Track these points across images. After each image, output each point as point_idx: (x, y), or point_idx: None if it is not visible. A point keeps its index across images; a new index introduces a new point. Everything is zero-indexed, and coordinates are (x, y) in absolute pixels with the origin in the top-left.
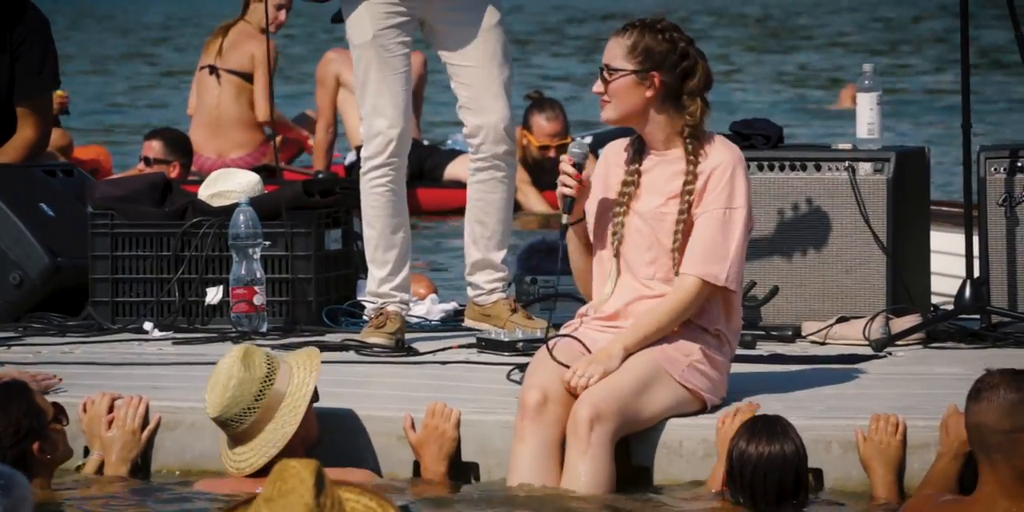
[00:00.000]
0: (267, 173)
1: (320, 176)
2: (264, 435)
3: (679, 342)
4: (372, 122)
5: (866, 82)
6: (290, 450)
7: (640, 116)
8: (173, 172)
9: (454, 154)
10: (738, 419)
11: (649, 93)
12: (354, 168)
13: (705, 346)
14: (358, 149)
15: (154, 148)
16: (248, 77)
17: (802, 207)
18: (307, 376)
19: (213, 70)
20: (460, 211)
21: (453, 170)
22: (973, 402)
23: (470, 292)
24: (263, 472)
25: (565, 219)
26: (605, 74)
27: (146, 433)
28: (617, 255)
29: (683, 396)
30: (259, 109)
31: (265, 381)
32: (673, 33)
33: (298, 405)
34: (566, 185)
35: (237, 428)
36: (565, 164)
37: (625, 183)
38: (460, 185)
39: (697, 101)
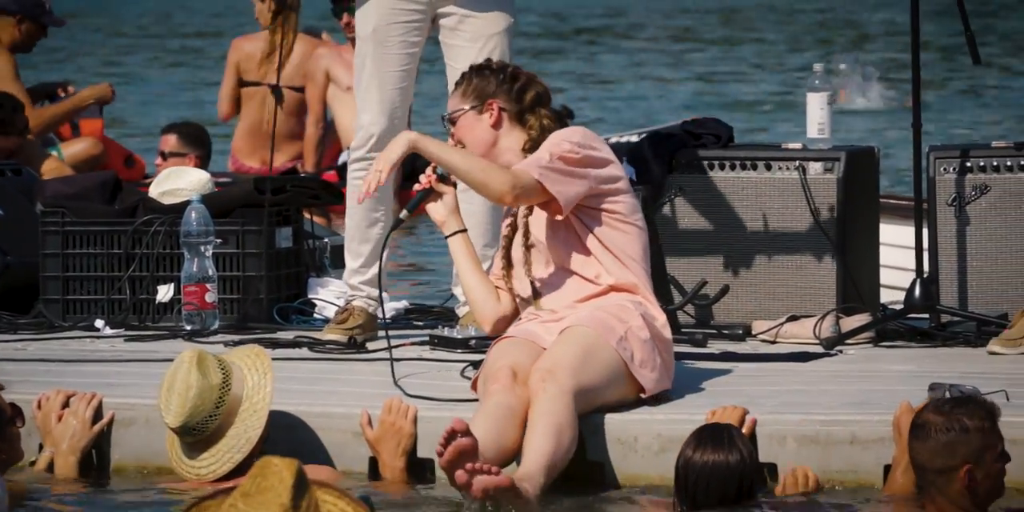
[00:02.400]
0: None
1: (303, 173)
2: (226, 441)
3: (616, 308)
4: (359, 116)
5: (816, 82)
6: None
7: (493, 146)
8: (191, 164)
9: None
10: (719, 416)
11: (491, 120)
12: (345, 169)
13: (642, 312)
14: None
15: (170, 142)
16: (303, 89)
17: (752, 206)
18: (262, 378)
19: (277, 90)
20: None
21: None
22: (912, 439)
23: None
24: (226, 478)
25: (403, 214)
26: (447, 122)
27: (97, 427)
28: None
29: (621, 369)
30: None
31: (223, 387)
32: (497, 66)
33: (259, 409)
34: (419, 182)
35: (199, 435)
36: (428, 168)
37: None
38: None
39: (538, 113)
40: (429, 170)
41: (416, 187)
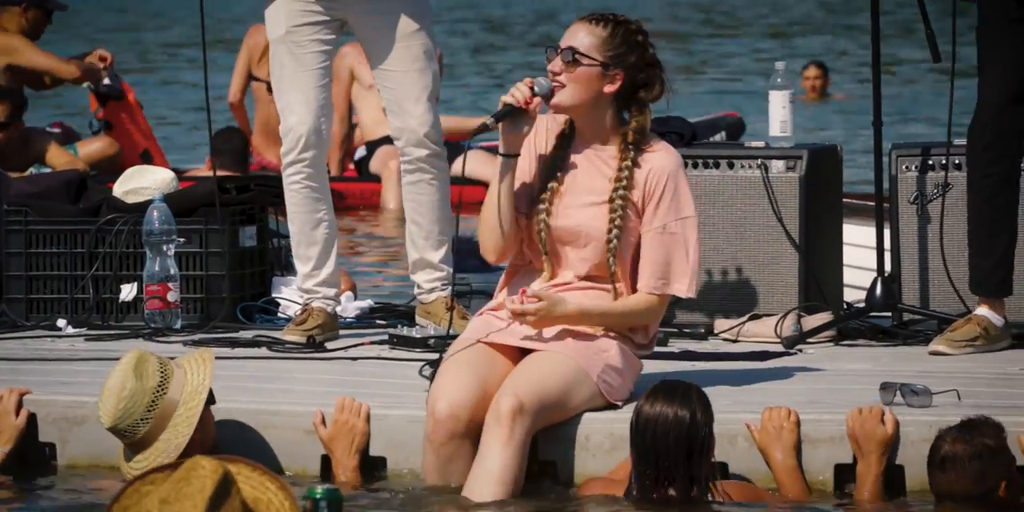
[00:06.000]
0: None
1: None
2: (159, 444)
3: (599, 338)
4: (285, 118)
5: (779, 80)
6: (187, 455)
7: (588, 108)
8: (206, 165)
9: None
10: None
11: (608, 89)
12: (363, 163)
13: (627, 342)
14: (367, 145)
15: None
16: None
17: (715, 205)
18: (200, 383)
19: None
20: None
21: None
22: (939, 472)
23: (415, 290)
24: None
25: (489, 121)
26: (570, 57)
27: (20, 419)
28: (547, 252)
29: (596, 394)
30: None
31: (157, 391)
32: (645, 37)
33: (191, 414)
34: (513, 95)
35: (131, 438)
36: (523, 84)
37: (552, 173)
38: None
39: (646, 110)
40: (527, 90)
41: (508, 99)
